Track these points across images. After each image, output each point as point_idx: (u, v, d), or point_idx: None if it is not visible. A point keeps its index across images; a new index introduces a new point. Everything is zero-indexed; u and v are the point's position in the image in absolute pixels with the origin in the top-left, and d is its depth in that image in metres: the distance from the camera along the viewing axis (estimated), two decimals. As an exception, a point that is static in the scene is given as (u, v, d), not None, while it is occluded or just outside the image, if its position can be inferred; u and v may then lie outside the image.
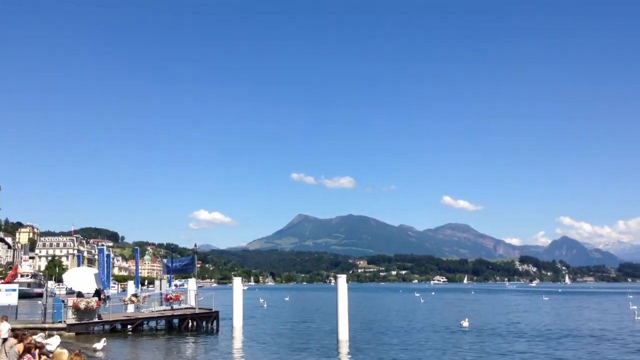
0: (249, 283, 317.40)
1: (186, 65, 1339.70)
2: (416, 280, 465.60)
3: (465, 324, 42.33)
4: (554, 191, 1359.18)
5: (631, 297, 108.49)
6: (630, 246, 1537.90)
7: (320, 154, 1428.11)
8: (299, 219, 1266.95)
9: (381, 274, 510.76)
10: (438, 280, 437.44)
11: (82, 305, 34.29)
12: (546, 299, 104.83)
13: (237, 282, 41.96)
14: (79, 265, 70.44)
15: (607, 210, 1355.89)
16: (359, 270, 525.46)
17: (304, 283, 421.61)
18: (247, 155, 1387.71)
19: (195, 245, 45.51)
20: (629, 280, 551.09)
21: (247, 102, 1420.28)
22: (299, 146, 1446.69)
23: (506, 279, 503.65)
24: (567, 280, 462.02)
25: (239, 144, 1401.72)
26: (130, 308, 43.20)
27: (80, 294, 36.75)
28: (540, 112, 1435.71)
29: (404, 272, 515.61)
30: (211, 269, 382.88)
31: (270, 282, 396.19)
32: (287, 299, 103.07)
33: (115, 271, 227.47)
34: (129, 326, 37.69)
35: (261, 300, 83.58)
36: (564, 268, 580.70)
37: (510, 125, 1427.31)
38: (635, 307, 58.75)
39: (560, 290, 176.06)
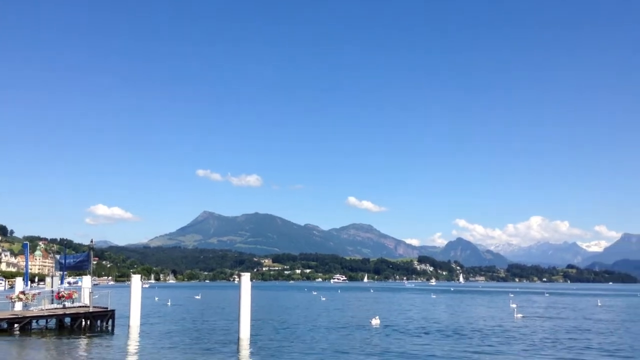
0: (150, 281, 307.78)
1: (83, 56, 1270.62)
2: (320, 279, 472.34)
3: (376, 322, 43.69)
4: (451, 195, 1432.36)
5: (512, 296, 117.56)
6: (518, 248, 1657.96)
7: (227, 150, 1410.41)
8: (203, 215, 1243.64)
9: (286, 272, 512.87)
10: (338, 279, 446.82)
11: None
12: (434, 296, 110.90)
13: (136, 280, 40.63)
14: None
15: (499, 214, 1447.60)
16: (264, 269, 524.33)
17: (207, 281, 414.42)
18: (151, 149, 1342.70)
19: (92, 241, 43.39)
20: (516, 280, 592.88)
21: (153, 95, 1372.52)
22: (205, 142, 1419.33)
23: (405, 278, 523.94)
24: (461, 279, 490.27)
25: (142, 136, 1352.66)
26: (18, 306, 40.49)
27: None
28: (440, 118, 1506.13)
29: (308, 270, 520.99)
30: (108, 266, 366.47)
31: (171, 280, 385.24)
32: (197, 297, 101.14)
33: (3, 267, 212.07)
34: (15, 325, 35.53)
35: (157, 299, 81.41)
36: (458, 268, 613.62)
37: (414, 130, 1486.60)
38: (514, 305, 63.79)
39: (452, 289, 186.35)
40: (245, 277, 32.28)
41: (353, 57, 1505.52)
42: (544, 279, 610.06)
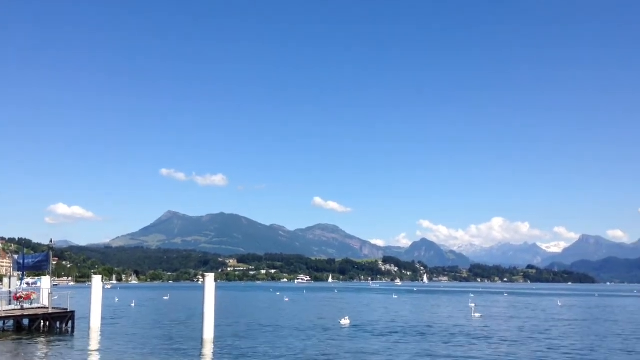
0: (111, 282, 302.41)
1: (41, 50, 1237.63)
2: (285, 279, 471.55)
3: (346, 322, 44.08)
4: (416, 196, 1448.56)
5: (472, 295, 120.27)
6: (480, 248, 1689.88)
7: (192, 149, 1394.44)
8: (167, 215, 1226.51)
9: (251, 272, 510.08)
10: (302, 279, 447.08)
11: None
12: (395, 297, 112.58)
13: (97, 281, 40.12)
14: None
15: (462, 215, 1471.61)
16: (229, 269, 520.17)
17: (171, 282, 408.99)
18: (113, 147, 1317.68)
19: (51, 241, 42.56)
20: (478, 280, 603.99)
21: (116, 93, 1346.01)
22: (169, 141, 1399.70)
23: (370, 278, 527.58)
24: (424, 279, 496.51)
25: (103, 134, 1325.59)
26: (-27, 308, 39.51)
27: None
28: (404, 119, 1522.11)
29: (273, 271, 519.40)
30: (69, 266, 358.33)
31: (134, 281, 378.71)
32: (166, 298, 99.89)
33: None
34: (-30, 328, 34.64)
35: (117, 300, 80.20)
36: (422, 268, 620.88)
37: (379, 131, 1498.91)
38: (473, 304, 65.53)
39: (415, 290, 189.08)
40: (210, 277, 32.25)
41: (314, 56, 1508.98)
42: (505, 279, 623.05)
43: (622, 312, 67.58)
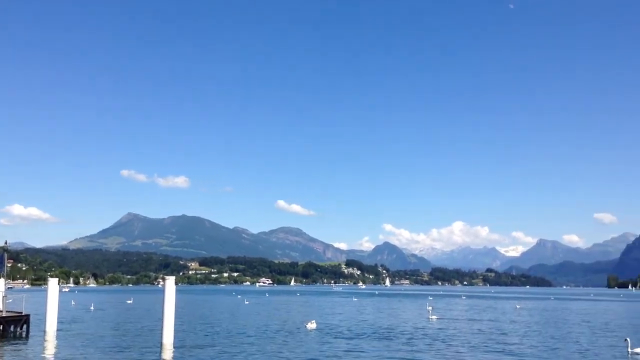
0: (68, 285, 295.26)
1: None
2: (248, 282, 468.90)
3: (312, 325, 44.31)
4: (379, 200, 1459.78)
5: (431, 299, 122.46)
6: (441, 252, 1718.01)
7: (154, 150, 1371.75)
8: (127, 217, 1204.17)
9: (213, 276, 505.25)
10: (263, 283, 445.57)
11: None
12: (355, 300, 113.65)
13: (53, 284, 39.38)
14: None
15: (423, 219, 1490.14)
16: (190, 272, 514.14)
17: (130, 285, 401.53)
18: (72, 147, 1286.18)
19: (6, 243, 41.64)
20: (439, 283, 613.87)
21: (75, 91, 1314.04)
22: (130, 141, 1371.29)
23: (333, 282, 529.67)
24: (387, 282, 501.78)
25: (62, 133, 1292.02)
26: None
27: None
28: (367, 123, 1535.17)
29: (236, 274, 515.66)
30: (24, 268, 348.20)
31: (92, 284, 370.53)
32: (129, 301, 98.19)
33: None
34: None
35: (74, 303, 78.60)
36: (384, 271, 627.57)
37: (342, 135, 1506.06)
38: (430, 307, 67.09)
39: (377, 293, 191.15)
40: (170, 280, 32.13)
41: (278, 55, 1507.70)
42: (465, 283, 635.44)
43: (578, 315, 69.91)
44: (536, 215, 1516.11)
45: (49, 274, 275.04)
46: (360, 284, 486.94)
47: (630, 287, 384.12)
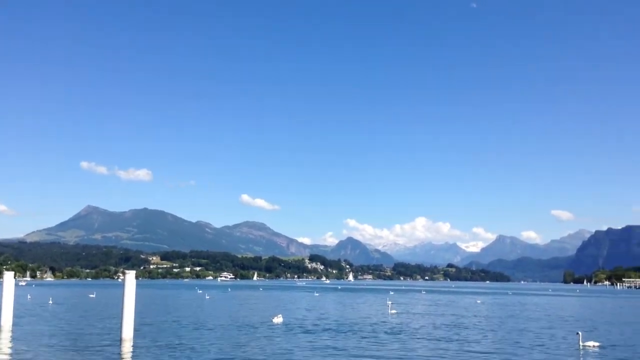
0: (25, 278, 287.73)
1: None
2: (210, 277, 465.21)
3: (279, 319, 44.56)
4: (343, 196, 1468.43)
5: (392, 293, 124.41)
6: (404, 247, 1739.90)
7: (115, 142, 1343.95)
8: (87, 210, 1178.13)
9: (175, 270, 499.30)
10: (225, 277, 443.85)
11: None
12: (317, 294, 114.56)
13: (9, 277, 38.61)
14: None
15: (387, 215, 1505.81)
16: (152, 267, 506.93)
17: (89, 279, 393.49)
18: (30, 138, 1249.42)
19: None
20: (401, 278, 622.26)
21: (32, 79, 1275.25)
22: (90, 133, 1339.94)
23: (296, 276, 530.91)
24: (350, 277, 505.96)
25: (19, 124, 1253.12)
26: None
27: None
28: (332, 118, 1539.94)
29: (198, 268, 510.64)
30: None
31: (49, 278, 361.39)
32: (92, 296, 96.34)
33: None
34: None
35: (29, 297, 76.95)
36: (347, 266, 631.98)
37: (307, 130, 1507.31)
38: (390, 302, 68.50)
39: (340, 288, 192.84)
40: (130, 275, 31.90)
41: (239, 47, 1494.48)
42: (427, 277, 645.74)
43: (536, 310, 72.14)
44: (496, 212, 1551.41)
45: (4, 267, 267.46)
46: (324, 278, 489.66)
47: (585, 282, 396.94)
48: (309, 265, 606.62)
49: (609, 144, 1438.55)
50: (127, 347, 29.19)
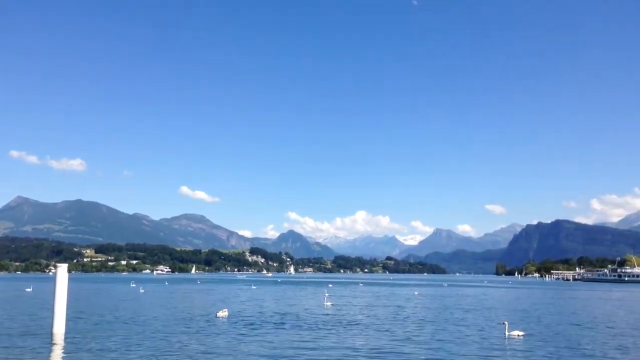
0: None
1: None
2: (147, 271, 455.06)
3: (224, 314, 44.30)
4: (284, 188, 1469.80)
5: (330, 286, 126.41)
6: (344, 241, 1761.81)
7: (46, 131, 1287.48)
8: (17, 201, 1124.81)
9: (110, 263, 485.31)
10: (161, 271, 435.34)
11: None
12: (254, 287, 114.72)
13: None
14: None
15: (328, 208, 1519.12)
16: (85, 260, 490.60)
17: (19, 272, 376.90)
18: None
19: None
20: (341, 271, 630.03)
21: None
22: (20, 120, 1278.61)
23: (237, 269, 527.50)
24: (291, 270, 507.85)
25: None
26: None
27: None
28: (275, 109, 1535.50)
29: (134, 262, 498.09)
30: None
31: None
32: (29, 290, 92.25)
33: None
34: None
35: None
36: (288, 259, 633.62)
37: (247, 119, 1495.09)
38: (327, 294, 70.00)
39: (279, 280, 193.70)
40: (62, 268, 31.16)
41: (180, 35, 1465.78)
42: (366, 270, 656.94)
43: (471, 301, 74.74)
44: (433, 206, 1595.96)
45: None
46: (265, 271, 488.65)
47: (516, 274, 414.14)
48: (250, 259, 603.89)
49: (541, 141, 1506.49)
50: (58, 342, 28.60)
